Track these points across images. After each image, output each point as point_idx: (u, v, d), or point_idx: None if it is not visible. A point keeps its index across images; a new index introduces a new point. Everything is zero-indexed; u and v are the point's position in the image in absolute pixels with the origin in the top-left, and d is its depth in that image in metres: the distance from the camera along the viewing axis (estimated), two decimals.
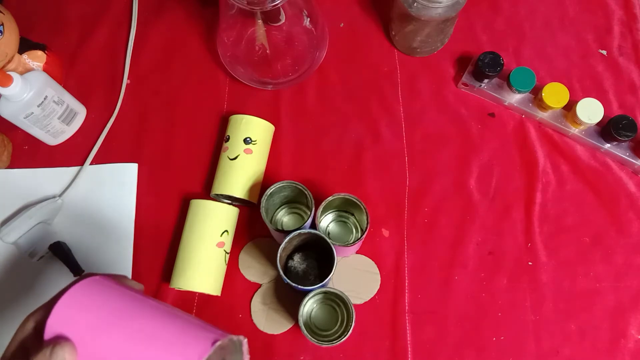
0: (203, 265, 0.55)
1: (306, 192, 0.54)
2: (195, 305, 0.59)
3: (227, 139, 0.60)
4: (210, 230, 0.56)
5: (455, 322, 0.57)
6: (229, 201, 0.61)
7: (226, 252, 0.58)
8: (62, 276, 0.60)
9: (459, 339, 0.57)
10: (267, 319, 0.57)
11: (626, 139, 0.60)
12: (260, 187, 0.61)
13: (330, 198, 0.53)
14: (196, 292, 0.59)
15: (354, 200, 0.53)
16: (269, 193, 0.54)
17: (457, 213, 0.61)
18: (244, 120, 0.60)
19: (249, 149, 0.59)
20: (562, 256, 0.60)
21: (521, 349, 0.56)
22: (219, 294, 0.57)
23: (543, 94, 0.62)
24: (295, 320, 0.56)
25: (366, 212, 0.53)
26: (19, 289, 0.60)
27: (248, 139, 0.59)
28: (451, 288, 0.58)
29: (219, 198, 0.61)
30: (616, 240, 0.60)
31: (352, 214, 0.60)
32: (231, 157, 0.59)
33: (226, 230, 0.57)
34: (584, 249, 0.60)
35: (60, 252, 0.59)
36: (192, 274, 0.55)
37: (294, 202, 0.61)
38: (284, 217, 0.61)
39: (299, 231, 0.51)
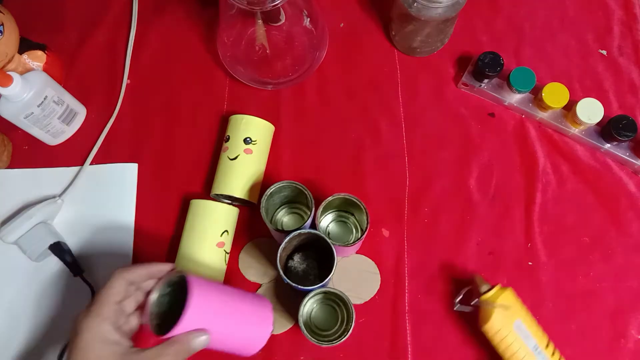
0: (203, 266, 0.55)
1: (306, 192, 0.54)
2: None
3: (227, 139, 0.60)
4: (210, 230, 0.56)
5: (455, 322, 0.57)
6: (229, 201, 0.61)
7: (226, 252, 0.57)
8: (62, 276, 0.60)
9: (459, 339, 0.57)
10: None
11: (626, 139, 0.60)
12: (260, 187, 0.61)
13: (330, 198, 0.53)
14: None
15: (354, 200, 0.53)
16: (269, 193, 0.54)
17: (457, 213, 0.61)
18: (244, 120, 0.60)
19: (249, 149, 0.59)
20: (562, 256, 0.60)
21: None
22: None
23: (543, 94, 0.62)
24: (295, 320, 0.56)
25: (366, 212, 0.53)
26: (19, 289, 0.60)
27: (248, 139, 0.59)
28: (451, 288, 0.58)
29: (219, 198, 0.61)
30: (616, 240, 0.60)
31: (352, 214, 0.60)
32: (231, 157, 0.59)
33: (226, 230, 0.57)
34: (584, 249, 0.60)
35: (60, 252, 0.59)
36: (192, 274, 0.55)
37: (294, 202, 0.61)
38: (284, 217, 0.61)
39: (299, 231, 0.51)
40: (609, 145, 0.62)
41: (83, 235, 0.62)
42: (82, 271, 0.59)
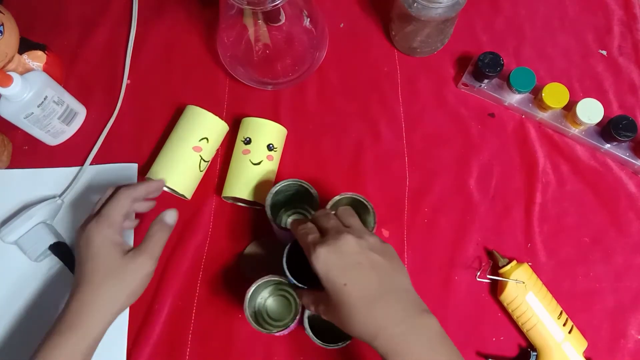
0: (176, 164, 0.58)
1: (312, 190, 0.53)
2: (195, 305, 0.58)
3: (249, 141, 0.60)
4: (191, 133, 0.59)
5: (455, 322, 0.57)
6: (240, 203, 0.61)
7: (202, 159, 0.59)
8: (62, 276, 0.60)
9: (459, 339, 0.57)
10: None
11: (626, 139, 0.60)
12: None
13: (337, 197, 0.53)
14: (196, 292, 0.59)
15: (361, 200, 0.52)
16: (274, 191, 0.53)
17: (457, 213, 0.61)
18: (268, 127, 0.60)
19: (271, 156, 0.60)
20: (562, 256, 0.60)
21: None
22: (189, 197, 0.60)
23: (543, 94, 0.62)
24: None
25: (373, 212, 0.52)
26: (19, 289, 0.60)
27: (271, 146, 0.60)
28: (451, 288, 0.58)
29: (229, 199, 0.61)
30: (616, 240, 0.60)
31: (360, 215, 0.59)
32: (254, 162, 0.59)
33: (206, 138, 0.59)
34: (584, 249, 0.60)
35: (60, 252, 0.59)
36: (164, 169, 0.58)
37: (299, 201, 0.61)
38: (290, 218, 0.61)
39: None
40: (609, 145, 0.62)
41: None
42: None
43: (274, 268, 0.57)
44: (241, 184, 0.59)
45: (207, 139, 0.60)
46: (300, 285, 0.49)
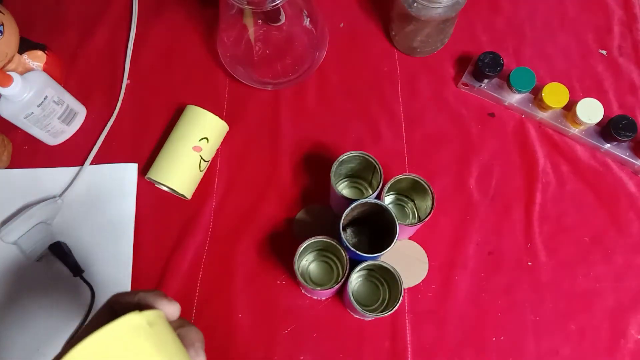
0: (176, 164, 0.59)
1: (377, 165, 0.53)
2: (195, 305, 0.59)
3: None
4: (191, 133, 0.60)
5: (455, 322, 0.57)
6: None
7: (202, 159, 0.60)
8: (62, 276, 0.60)
9: (459, 339, 0.57)
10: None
11: (626, 139, 0.60)
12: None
13: (398, 177, 0.52)
14: (196, 292, 0.59)
15: (421, 182, 0.52)
16: (340, 160, 0.53)
17: (457, 213, 0.61)
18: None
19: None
20: (562, 256, 0.60)
21: (521, 349, 0.56)
22: (189, 197, 0.61)
23: (543, 94, 0.62)
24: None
25: (432, 195, 0.52)
26: (19, 289, 0.60)
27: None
28: (451, 288, 0.58)
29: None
30: (616, 240, 0.60)
31: (413, 200, 0.59)
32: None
33: (206, 138, 0.60)
34: (584, 249, 0.60)
35: (60, 252, 0.59)
36: (164, 168, 0.59)
37: (357, 177, 0.61)
38: (344, 190, 0.61)
39: (366, 200, 0.50)
40: (609, 145, 0.62)
41: (83, 236, 0.62)
42: (82, 271, 0.59)
43: (323, 233, 0.54)
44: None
45: (207, 139, 0.60)
46: (353, 249, 0.48)
